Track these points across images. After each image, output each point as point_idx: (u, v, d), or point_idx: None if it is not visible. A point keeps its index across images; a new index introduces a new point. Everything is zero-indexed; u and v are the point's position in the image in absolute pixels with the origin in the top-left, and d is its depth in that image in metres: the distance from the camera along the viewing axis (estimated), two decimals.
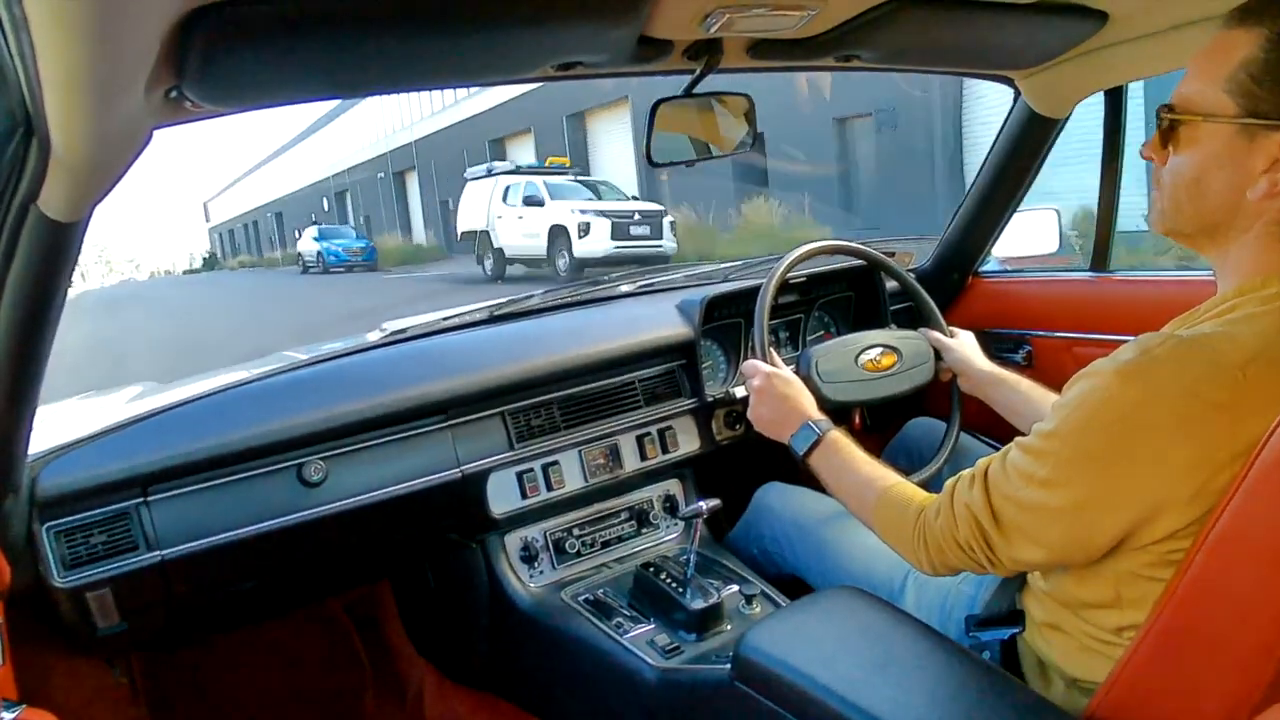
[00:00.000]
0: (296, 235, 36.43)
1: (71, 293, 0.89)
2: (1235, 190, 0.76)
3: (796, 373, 1.53)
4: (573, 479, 1.46)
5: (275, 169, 44.09)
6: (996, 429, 1.42)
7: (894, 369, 1.46)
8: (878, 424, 1.73)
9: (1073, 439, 0.77)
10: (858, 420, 1.67)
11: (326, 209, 35.33)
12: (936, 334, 1.51)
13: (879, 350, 1.48)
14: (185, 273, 59.61)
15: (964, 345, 1.47)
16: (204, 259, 57.45)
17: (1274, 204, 0.75)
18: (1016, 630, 0.94)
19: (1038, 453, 0.80)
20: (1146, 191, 0.85)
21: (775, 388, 1.24)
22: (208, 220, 67.50)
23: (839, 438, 1.13)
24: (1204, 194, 0.79)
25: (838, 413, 1.62)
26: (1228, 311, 0.77)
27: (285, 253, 35.49)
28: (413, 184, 29.26)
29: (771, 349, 1.39)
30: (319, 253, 22.07)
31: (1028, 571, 0.91)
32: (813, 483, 1.50)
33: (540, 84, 1.05)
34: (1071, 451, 0.77)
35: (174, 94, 0.76)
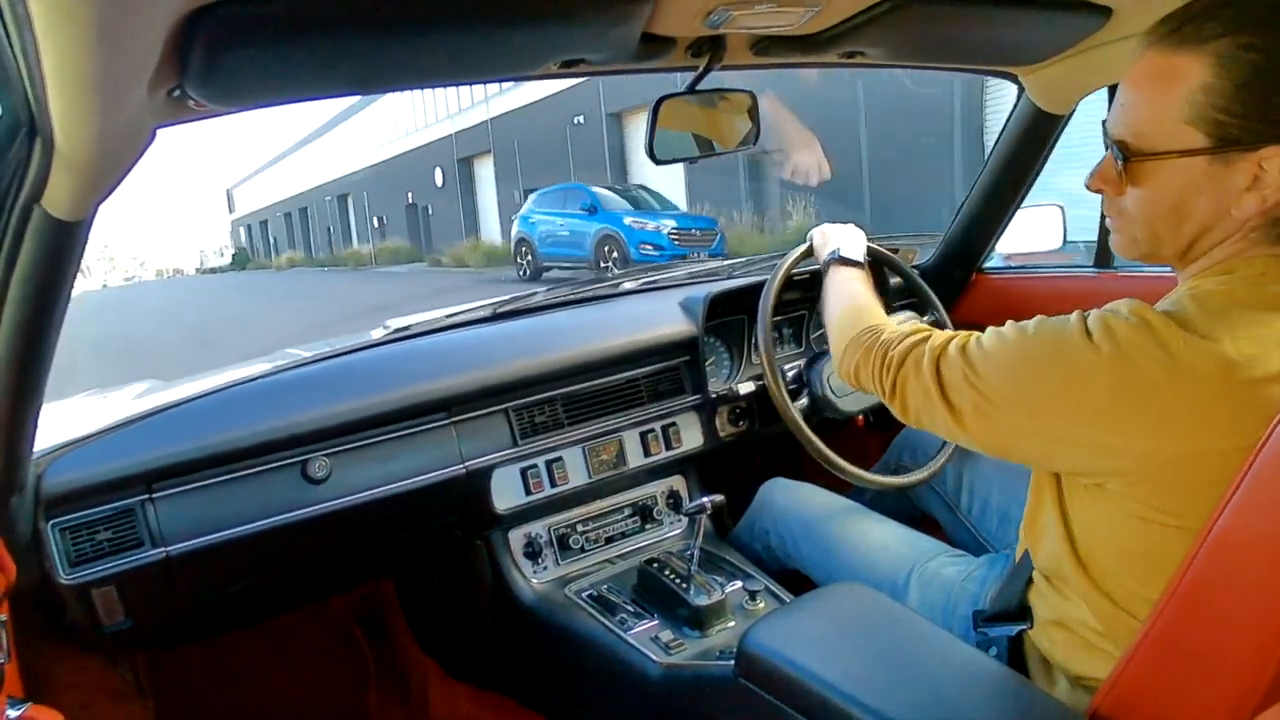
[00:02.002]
0: (377, 224, 27.12)
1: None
2: (1219, 210, 0.76)
3: (801, 379, 1.53)
4: (576, 475, 1.46)
5: (331, 142, 33.25)
6: None
7: None
8: (880, 422, 1.73)
9: (1032, 340, 0.81)
10: (860, 419, 1.67)
11: (441, 183, 24.17)
12: None
13: None
14: (199, 271, 52.90)
15: None
16: (234, 255, 48.89)
17: (1259, 215, 0.75)
18: (1024, 627, 0.94)
19: (1002, 341, 0.83)
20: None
21: (839, 227, 1.45)
22: (232, 210, 57.08)
23: (863, 276, 1.28)
24: (1184, 220, 0.78)
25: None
26: (1188, 290, 0.78)
27: (374, 248, 26.42)
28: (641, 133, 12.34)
29: (769, 354, 1.39)
30: (605, 236, 11.53)
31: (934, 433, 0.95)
32: (817, 478, 1.50)
33: None
34: (1019, 352, 0.81)
35: (177, 93, 0.76)
